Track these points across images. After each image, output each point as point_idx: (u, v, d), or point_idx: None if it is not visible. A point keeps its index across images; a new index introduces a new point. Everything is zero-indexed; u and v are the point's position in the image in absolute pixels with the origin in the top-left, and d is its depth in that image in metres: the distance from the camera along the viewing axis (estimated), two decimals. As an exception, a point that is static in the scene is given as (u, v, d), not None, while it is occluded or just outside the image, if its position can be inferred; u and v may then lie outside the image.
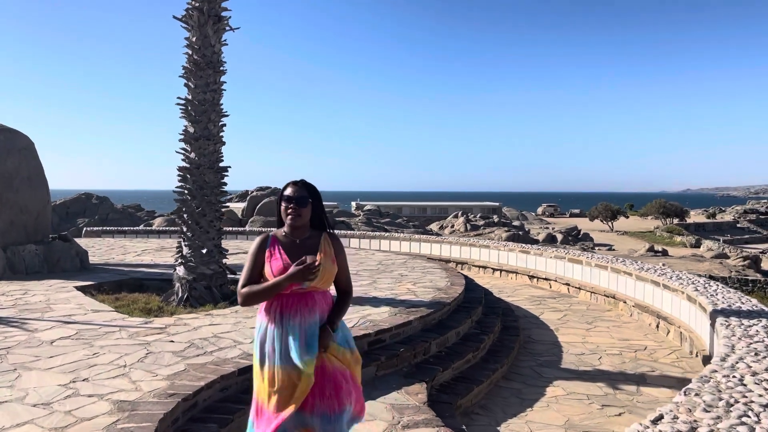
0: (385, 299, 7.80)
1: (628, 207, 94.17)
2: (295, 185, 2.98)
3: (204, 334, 6.05)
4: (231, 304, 7.69)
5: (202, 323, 6.58)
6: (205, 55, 8.16)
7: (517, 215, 77.85)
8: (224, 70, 8.38)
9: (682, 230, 63.45)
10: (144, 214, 42.90)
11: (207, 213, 8.15)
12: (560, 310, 10.24)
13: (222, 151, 8.43)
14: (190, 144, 8.20)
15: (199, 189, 8.12)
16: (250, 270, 2.93)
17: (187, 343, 5.70)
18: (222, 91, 8.40)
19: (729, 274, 27.79)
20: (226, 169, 8.43)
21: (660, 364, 7.22)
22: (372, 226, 32.39)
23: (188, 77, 8.24)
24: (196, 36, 8.16)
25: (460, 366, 6.35)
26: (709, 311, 6.70)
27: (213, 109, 8.23)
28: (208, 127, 8.20)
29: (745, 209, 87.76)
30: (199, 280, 7.94)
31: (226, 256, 8.48)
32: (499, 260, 14.37)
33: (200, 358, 5.20)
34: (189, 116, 8.20)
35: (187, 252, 8.08)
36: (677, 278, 8.88)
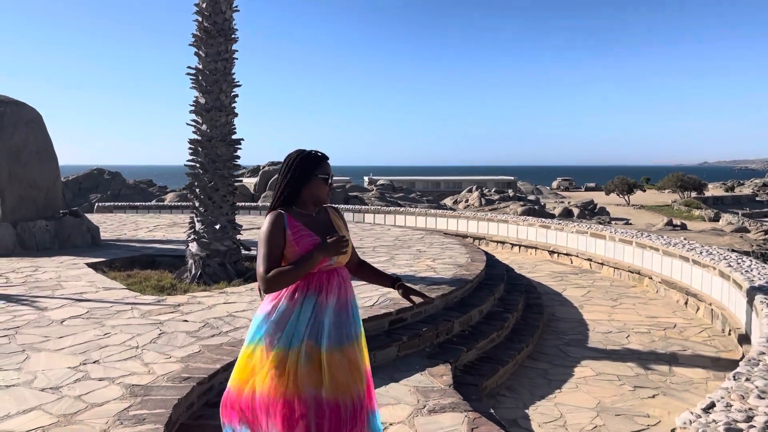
0: (404, 276, 7.54)
1: (644, 180, 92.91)
2: (327, 159, 2.80)
3: (218, 313, 5.84)
4: (245, 282, 7.47)
5: (217, 301, 6.37)
6: (216, 23, 7.82)
7: (531, 189, 77.16)
8: (236, 37, 8.05)
9: (700, 204, 62.55)
10: (156, 190, 42.91)
11: (220, 187, 7.89)
12: (583, 287, 9.94)
13: (234, 123, 8.15)
14: (201, 115, 7.91)
15: (211, 162, 7.85)
16: (271, 252, 2.61)
17: (201, 322, 5.48)
18: (234, 60, 8.07)
19: (751, 248, 27.29)
20: (239, 142, 8.15)
21: (691, 342, 6.92)
22: (385, 201, 32.09)
23: (198, 45, 7.92)
24: (206, 2, 7.81)
25: (484, 346, 6.09)
26: (746, 288, 6.38)
27: (224, 79, 7.91)
28: (220, 97, 7.90)
29: (764, 182, 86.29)
30: (213, 257, 7.72)
31: (240, 232, 8.24)
32: (518, 235, 14.05)
33: (215, 338, 4.98)
34: (200, 86, 7.90)
35: (200, 228, 7.85)
36: (708, 253, 8.53)
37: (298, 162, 2.72)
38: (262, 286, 2.59)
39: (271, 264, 2.58)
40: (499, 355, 6.01)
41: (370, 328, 5.50)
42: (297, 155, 2.74)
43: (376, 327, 5.59)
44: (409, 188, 47.85)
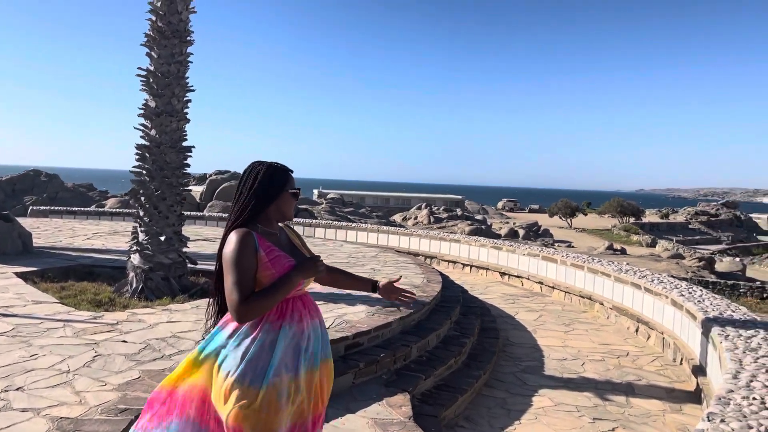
0: (360, 296, 7.26)
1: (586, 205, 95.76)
2: (292, 172, 2.61)
3: (161, 333, 5.41)
4: (191, 298, 7.04)
5: (159, 319, 5.93)
6: (171, 23, 7.42)
7: (478, 209, 78.29)
8: (192, 40, 7.66)
9: (638, 229, 64.83)
10: (96, 194, 41.15)
11: (167, 196, 7.45)
12: (535, 310, 9.90)
13: (186, 129, 7.73)
14: (150, 120, 7.47)
15: (159, 169, 7.40)
16: (244, 276, 2.33)
17: (141, 343, 5.05)
18: (188, 63, 7.68)
19: (686, 274, 28.24)
20: (189, 149, 7.73)
21: (645, 372, 6.90)
22: (335, 215, 31.76)
23: (151, 46, 7.49)
24: (162, 1, 7.40)
25: (442, 372, 5.88)
26: (701, 319, 6.39)
27: (177, 82, 7.50)
28: (172, 102, 7.48)
29: (696, 211, 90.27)
30: (156, 270, 7.24)
31: (186, 245, 7.80)
32: (469, 255, 13.99)
33: (157, 363, 4.57)
34: (150, 89, 7.46)
35: (144, 238, 7.37)
36: (659, 281, 8.60)
37: (268, 175, 2.49)
38: (235, 316, 2.30)
39: (246, 290, 2.30)
40: (457, 382, 5.81)
41: (325, 353, 5.20)
42: (265, 167, 2.51)
43: (332, 352, 5.27)
44: (359, 203, 47.63)
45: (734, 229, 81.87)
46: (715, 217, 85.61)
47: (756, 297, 20.14)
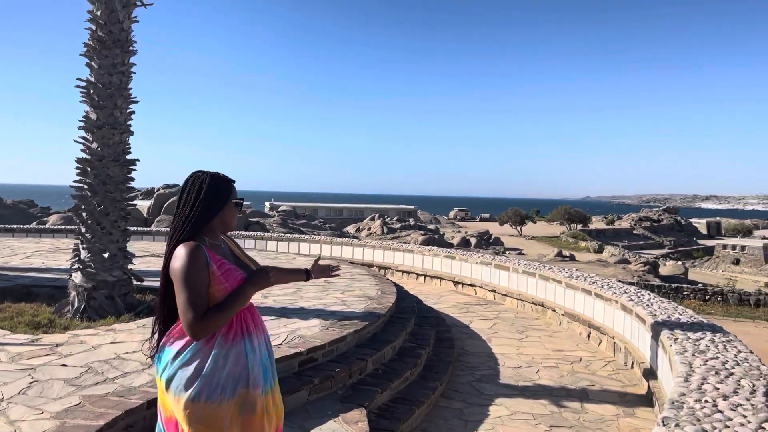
0: (313, 310, 7.14)
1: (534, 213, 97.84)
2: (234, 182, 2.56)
3: (104, 355, 5.15)
4: (137, 317, 6.76)
5: (103, 341, 5.66)
6: (112, 32, 7.17)
7: (430, 219, 78.93)
8: (134, 50, 7.42)
9: (585, 236, 66.63)
10: (37, 211, 39.52)
11: (110, 212, 7.16)
12: (489, 319, 9.95)
13: (129, 142, 7.47)
14: (91, 132, 7.18)
15: (101, 184, 7.11)
16: (198, 292, 2.28)
17: (83, 367, 4.79)
18: (131, 74, 7.43)
19: (633, 279, 29.10)
20: (134, 162, 7.47)
21: (598, 377, 6.99)
22: (288, 228, 31.40)
23: (91, 56, 7.22)
24: (102, 10, 7.15)
25: (398, 385, 5.80)
26: (650, 323, 6.52)
27: (120, 93, 7.25)
28: (114, 114, 7.21)
29: (639, 217, 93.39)
30: (100, 289, 6.94)
31: (131, 261, 7.51)
32: (423, 265, 14.01)
33: (99, 387, 4.33)
34: (91, 101, 7.18)
35: (86, 256, 7.06)
36: (609, 287, 8.77)
37: (212, 186, 2.42)
38: (191, 333, 2.24)
39: (200, 307, 2.25)
40: (414, 395, 5.74)
41: (279, 370, 5.03)
42: (209, 177, 2.43)
43: (286, 369, 5.15)
44: (311, 215, 47.31)
45: (676, 233, 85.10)
46: (658, 222, 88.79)
47: (699, 299, 20.89)
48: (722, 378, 4.36)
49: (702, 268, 59.09)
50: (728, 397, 3.91)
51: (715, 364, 4.77)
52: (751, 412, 3.52)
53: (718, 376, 4.41)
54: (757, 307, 19.77)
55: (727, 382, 4.24)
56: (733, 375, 4.38)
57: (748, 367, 4.60)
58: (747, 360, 4.84)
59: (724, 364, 4.71)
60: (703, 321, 6.54)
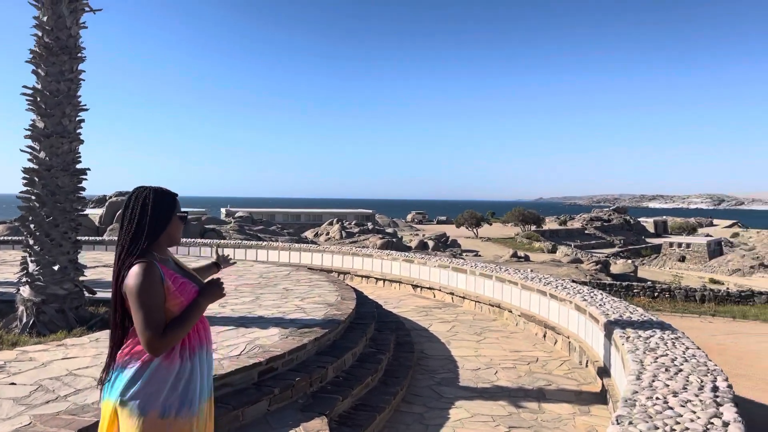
0: (272, 319, 7.08)
1: (490, 215, 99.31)
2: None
3: (56, 372, 4.99)
4: (90, 330, 6.58)
5: (53, 357, 5.48)
6: (60, 39, 6.98)
7: (388, 222, 79.17)
8: (83, 57, 7.23)
9: (539, 237, 67.97)
10: (-20, 221, 37.99)
11: (60, 223, 6.95)
12: (448, 321, 10.06)
13: (79, 151, 7.27)
14: (39, 141, 6.96)
15: (50, 195, 6.90)
16: (155, 310, 2.30)
17: (33, 385, 4.64)
18: (80, 81, 7.24)
19: (585, 278, 29.83)
20: (84, 172, 7.27)
21: (554, 376, 7.15)
22: (245, 234, 31.00)
23: (38, 63, 7.00)
24: (48, 15, 6.95)
25: (359, 392, 5.81)
26: (603, 322, 6.72)
27: (69, 101, 7.05)
28: (62, 122, 7.01)
29: (591, 217, 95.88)
30: (50, 302, 6.73)
31: (83, 273, 7.30)
32: (382, 270, 14.06)
33: (51, 405, 4.20)
34: (38, 109, 6.96)
35: (34, 269, 6.83)
36: (563, 287, 8.98)
37: (157, 201, 2.43)
38: (152, 351, 2.26)
39: (159, 324, 2.28)
40: (375, 401, 5.75)
41: (238, 381, 5.01)
42: (153, 193, 2.44)
43: (245, 379, 5.10)
44: (269, 221, 46.81)
45: (625, 232, 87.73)
46: (608, 222, 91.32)
47: (648, 296, 21.57)
48: (672, 375, 4.52)
49: (650, 265, 61.08)
50: (678, 394, 4.05)
51: (665, 361, 4.94)
52: (700, 408, 3.66)
53: (668, 373, 4.57)
54: (703, 302, 20.54)
55: (676, 379, 4.40)
56: (682, 371, 4.54)
57: (695, 363, 4.78)
58: (695, 356, 5.03)
59: (673, 361, 4.89)
60: (653, 319, 6.77)
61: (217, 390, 4.71)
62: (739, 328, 15.22)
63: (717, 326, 15.48)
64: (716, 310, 18.26)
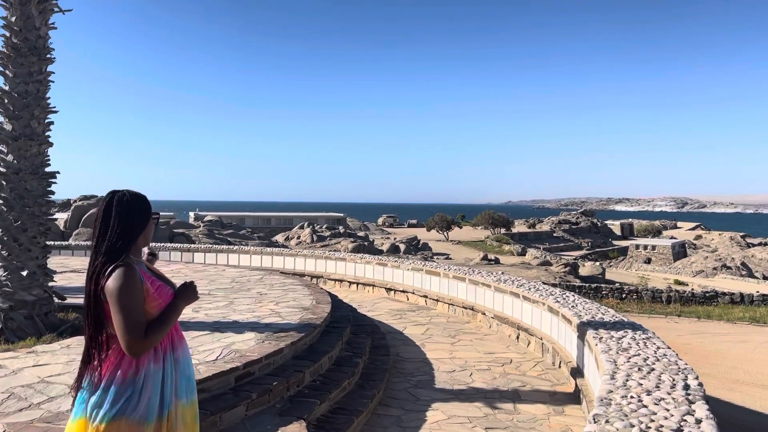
0: (247, 323, 7.03)
1: (460, 218, 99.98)
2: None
3: (27, 380, 4.89)
4: (60, 337, 6.45)
5: (24, 364, 5.36)
6: (28, 39, 6.84)
7: (359, 226, 79.11)
8: (52, 58, 7.09)
9: (509, 239, 68.66)
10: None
11: (29, 227, 6.80)
12: (422, 324, 10.12)
13: (48, 154, 7.13)
14: (6, 144, 6.80)
15: (18, 198, 6.75)
16: (137, 313, 2.32)
17: (5, 392, 4.53)
18: (49, 82, 7.10)
19: (555, 280, 30.26)
20: (53, 175, 7.13)
21: (528, 377, 7.25)
22: (214, 239, 30.67)
23: (5, 64, 6.85)
24: (17, 16, 6.80)
25: (336, 396, 5.81)
26: (576, 323, 6.84)
27: (37, 103, 6.91)
28: (31, 124, 6.87)
29: (559, 220, 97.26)
30: (18, 308, 6.58)
31: (52, 278, 7.15)
32: (355, 273, 14.07)
33: (24, 413, 4.11)
34: (6, 111, 6.81)
35: (2, 274, 6.67)
36: (535, 289, 9.11)
37: (135, 205, 2.45)
38: (133, 353, 2.28)
39: (141, 327, 2.30)
40: (352, 404, 5.76)
41: (215, 387, 4.98)
42: (130, 196, 2.46)
43: (221, 384, 5.06)
44: (239, 224, 46.39)
45: (593, 235, 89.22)
46: (576, 225, 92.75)
47: (616, 298, 21.98)
48: (645, 374, 4.63)
49: (618, 267, 62.23)
50: (651, 392, 4.16)
51: (637, 360, 5.05)
52: (673, 406, 3.76)
53: (641, 372, 4.68)
54: (669, 303, 21.02)
55: (649, 378, 4.51)
56: (654, 370, 4.66)
57: (667, 362, 4.91)
58: (666, 356, 5.16)
59: (645, 361, 5.01)
60: (624, 320, 6.92)
61: (194, 396, 4.68)
62: (704, 328, 15.62)
63: (683, 326, 15.86)
64: (682, 310, 18.72)
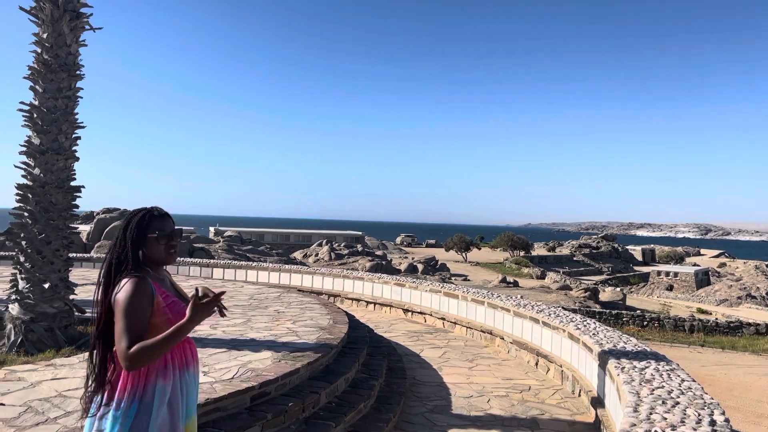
0: (264, 342, 7.01)
1: (479, 239, 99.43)
2: (168, 217, 2.60)
3: (45, 393, 4.90)
4: (78, 350, 6.47)
5: (42, 377, 5.38)
6: (59, 56, 6.98)
7: (378, 244, 79.05)
8: (81, 74, 7.23)
9: (528, 262, 68.08)
10: (-35, 234, 37.48)
11: (52, 240, 6.88)
12: (439, 347, 10.00)
13: (74, 168, 7.23)
14: (34, 158, 6.92)
15: (43, 212, 6.84)
16: (134, 323, 2.31)
17: (22, 406, 4.54)
18: (78, 98, 7.23)
19: (574, 305, 29.83)
20: (78, 189, 7.23)
21: (547, 405, 7.11)
22: (234, 254, 30.81)
23: (35, 80, 6.99)
24: (48, 32, 6.96)
25: (352, 418, 5.74)
26: (597, 351, 6.71)
27: (66, 118, 7.03)
28: (59, 139, 6.98)
29: (579, 244, 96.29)
30: (39, 321, 6.63)
31: (73, 291, 7.21)
32: (373, 293, 14.00)
33: (41, 427, 4.12)
34: (35, 125, 6.93)
35: (24, 286, 6.74)
36: (555, 315, 8.97)
37: (133, 223, 2.52)
38: (125, 364, 2.26)
39: (135, 337, 2.27)
40: (368, 427, 5.69)
41: (230, 406, 4.94)
42: (132, 215, 2.55)
43: (237, 404, 5.02)
44: (258, 240, 46.61)
45: (613, 260, 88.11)
46: (597, 249, 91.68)
47: (637, 325, 21.58)
48: (669, 407, 4.51)
49: (638, 294, 61.27)
50: (676, 428, 4.04)
51: (661, 393, 4.93)
52: (699, 442, 3.65)
53: (665, 406, 4.55)
54: (692, 332, 20.59)
55: (674, 412, 4.39)
56: (679, 404, 4.53)
57: (692, 396, 4.77)
58: (690, 389, 5.02)
59: (669, 393, 4.88)
60: (647, 349, 6.76)
61: (209, 414, 4.65)
62: (729, 359, 15.24)
63: (707, 357, 15.50)
64: (705, 340, 18.30)
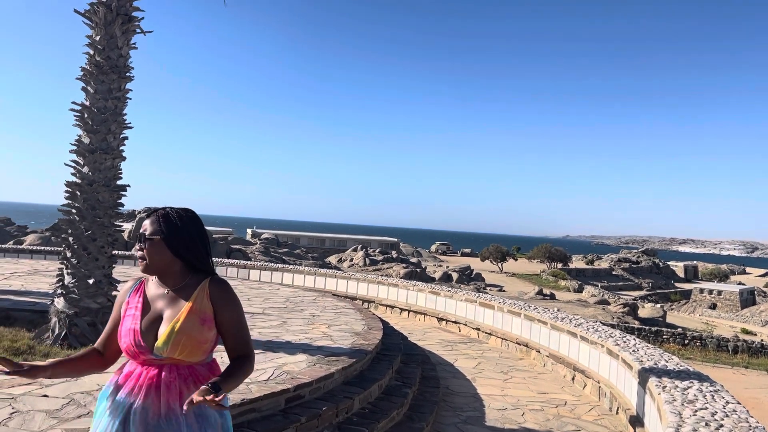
0: (299, 345, 7.05)
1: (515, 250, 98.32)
2: (146, 219, 2.27)
3: (87, 386, 5.01)
4: (119, 345, 6.61)
5: (84, 370, 5.51)
6: (110, 58, 7.18)
7: (412, 251, 78.91)
8: (131, 76, 7.43)
9: (565, 275, 67.01)
10: (14, 229, 38.84)
11: (98, 237, 7.07)
12: (474, 357, 9.90)
13: (121, 167, 7.42)
14: (83, 156, 7.13)
15: (90, 209, 7.04)
16: (109, 324, 2.36)
17: (65, 398, 4.66)
18: (127, 99, 7.43)
19: (612, 320, 29.21)
20: (124, 188, 7.42)
21: (583, 422, 6.96)
22: (270, 256, 31.18)
23: (87, 81, 7.21)
24: (101, 35, 7.17)
25: (385, 425, 5.71)
26: (637, 369, 6.53)
27: (114, 119, 7.23)
28: (107, 138, 7.18)
29: (619, 258, 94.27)
30: (82, 315, 6.81)
31: (116, 287, 7.39)
32: (407, 300, 13.95)
33: (83, 420, 4.21)
34: (85, 125, 7.15)
35: (70, 281, 6.93)
36: (594, 330, 8.79)
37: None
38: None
39: (102, 338, 2.39)
40: (400, 436, 5.66)
41: (265, 407, 4.97)
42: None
43: (272, 405, 5.05)
44: (294, 243, 47.08)
45: (654, 276, 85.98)
46: (637, 264, 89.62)
47: (678, 343, 21.01)
48: (713, 430, 4.36)
49: (679, 311, 59.64)
50: (720, 450, 3.91)
51: (704, 414, 4.77)
52: (745, 468, 3.51)
53: (708, 428, 4.40)
54: (735, 353, 19.93)
55: (718, 436, 4.25)
56: (722, 427, 4.38)
57: (737, 419, 4.61)
58: (735, 411, 4.85)
59: (713, 415, 4.72)
60: (690, 369, 6.56)
61: (244, 415, 4.69)
62: (774, 383, 14.71)
63: (750, 379, 14.97)
64: (749, 362, 17.68)
